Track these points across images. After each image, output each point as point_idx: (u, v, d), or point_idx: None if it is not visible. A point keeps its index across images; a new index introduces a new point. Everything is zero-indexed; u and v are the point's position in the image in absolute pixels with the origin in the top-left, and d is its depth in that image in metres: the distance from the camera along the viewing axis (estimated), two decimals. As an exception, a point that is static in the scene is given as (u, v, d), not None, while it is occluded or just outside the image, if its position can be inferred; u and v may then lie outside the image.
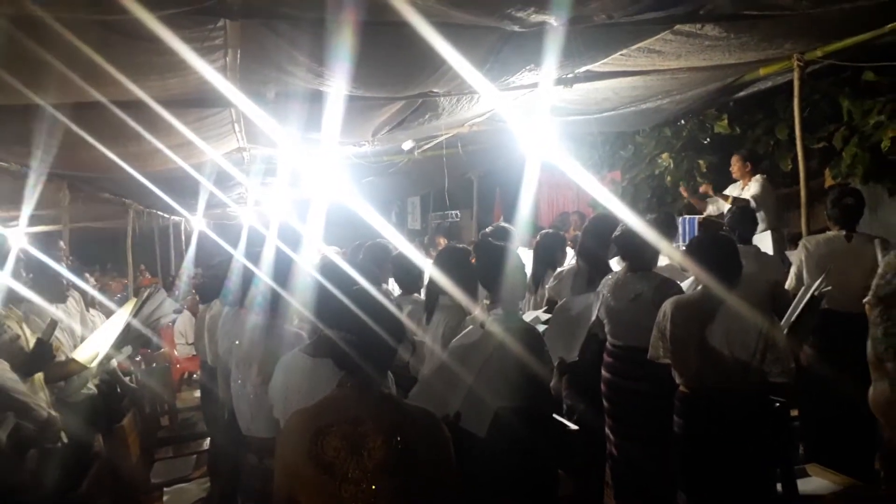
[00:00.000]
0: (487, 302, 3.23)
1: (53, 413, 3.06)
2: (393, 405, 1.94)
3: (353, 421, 1.84)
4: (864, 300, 3.88)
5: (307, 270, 3.05)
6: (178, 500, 4.37)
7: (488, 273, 3.07)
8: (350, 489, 1.79)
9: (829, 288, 3.71)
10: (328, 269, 2.77)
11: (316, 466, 1.82)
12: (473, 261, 3.40)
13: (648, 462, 3.61)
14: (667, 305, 3.29)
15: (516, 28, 3.00)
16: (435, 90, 4.46)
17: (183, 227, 14.24)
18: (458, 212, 13.06)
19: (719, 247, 3.21)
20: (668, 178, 7.34)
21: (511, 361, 2.79)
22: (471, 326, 3.04)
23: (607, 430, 3.84)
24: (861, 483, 3.54)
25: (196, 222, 11.87)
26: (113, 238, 11.84)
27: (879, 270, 3.39)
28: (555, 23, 2.93)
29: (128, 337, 4.28)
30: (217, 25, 3.01)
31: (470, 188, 10.69)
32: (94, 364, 3.91)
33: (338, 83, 3.81)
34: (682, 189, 6.60)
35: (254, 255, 3.54)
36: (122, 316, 4.23)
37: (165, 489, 4.50)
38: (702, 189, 6.26)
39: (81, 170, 6.28)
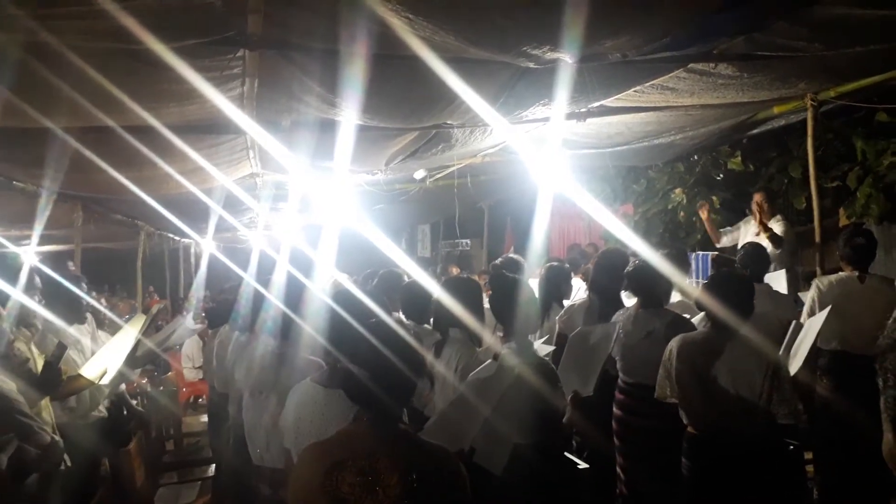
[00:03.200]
0: (500, 335, 3.22)
1: (57, 437, 3.04)
2: (410, 441, 1.93)
3: (368, 456, 1.83)
4: (878, 342, 3.84)
5: (320, 297, 3.05)
6: (181, 527, 4.34)
7: (503, 306, 3.06)
8: None
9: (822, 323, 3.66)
10: (344, 299, 2.76)
11: (330, 502, 1.80)
12: (488, 293, 3.39)
13: (659, 502, 3.55)
14: (672, 344, 3.26)
15: (531, 65, 3.03)
16: (449, 122, 4.49)
17: (193, 250, 14.31)
18: (468, 240, 13.07)
19: (735, 285, 3.19)
20: (681, 214, 7.34)
21: (526, 397, 2.77)
22: (487, 361, 3.02)
23: (618, 469, 3.79)
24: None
25: (206, 245, 11.93)
26: (122, 259, 11.92)
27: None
28: (569, 60, 2.96)
29: (140, 357, 4.26)
30: (236, 55, 3.05)
31: (481, 217, 10.72)
32: (106, 382, 3.88)
33: (353, 114, 3.85)
34: (702, 211, 6.24)
35: (265, 280, 3.55)
36: (131, 333, 4.19)
37: (169, 516, 4.46)
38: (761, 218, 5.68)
39: (96, 192, 6.34)
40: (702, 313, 3.67)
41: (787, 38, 3.19)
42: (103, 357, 3.94)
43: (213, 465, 5.17)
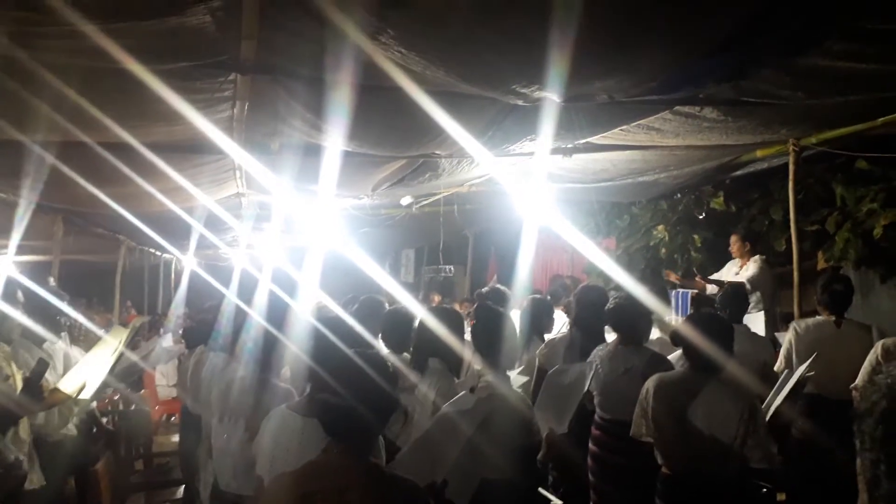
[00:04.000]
0: (478, 367, 3.21)
1: (21, 457, 2.95)
2: (379, 475, 1.91)
3: (338, 490, 1.81)
4: (851, 386, 3.89)
5: (302, 323, 3.03)
6: (147, 551, 4.23)
7: (487, 338, 3.06)
8: None
9: (812, 373, 3.71)
10: (326, 328, 2.75)
11: None
12: (471, 323, 3.38)
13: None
14: (649, 383, 3.27)
15: (520, 102, 3.07)
16: (437, 152, 4.53)
17: (174, 266, 14.19)
18: (451, 267, 13.05)
19: (714, 326, 3.20)
20: (663, 251, 7.39)
21: (501, 432, 2.77)
22: (463, 392, 3.01)
23: (591, 506, 3.77)
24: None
25: (187, 262, 11.84)
26: (101, 272, 11.77)
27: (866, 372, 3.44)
28: (557, 99, 3.00)
29: (118, 372, 4.19)
30: (228, 79, 3.06)
31: (465, 245, 10.75)
32: (87, 395, 3.79)
33: (342, 141, 3.86)
34: (669, 274, 6.54)
35: (246, 302, 3.52)
36: (111, 346, 4.10)
37: (135, 538, 4.36)
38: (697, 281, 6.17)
39: (78, 205, 6.30)
40: (679, 351, 3.70)
41: (771, 85, 3.26)
42: (81, 370, 3.85)
43: (182, 486, 5.08)
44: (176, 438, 5.98)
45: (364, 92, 3.12)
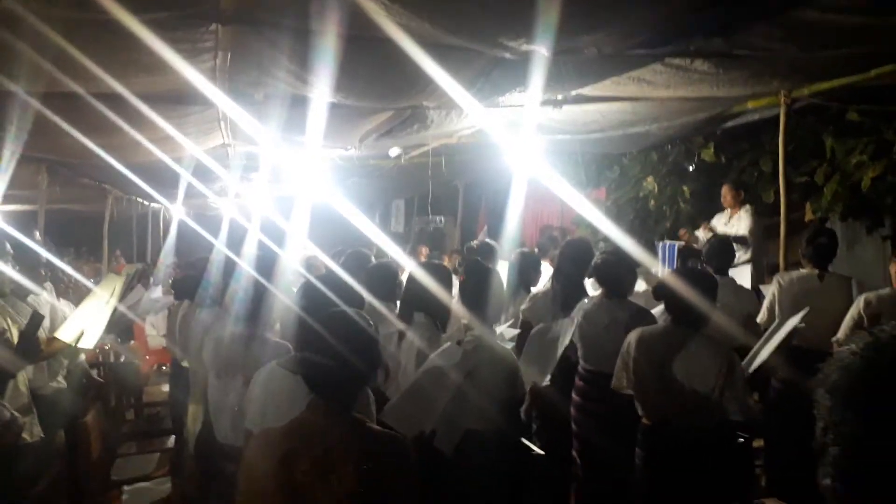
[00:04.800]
0: (465, 321, 3.24)
1: (16, 413, 2.98)
2: (364, 432, 1.93)
3: (322, 447, 1.83)
4: (833, 338, 3.96)
5: (291, 277, 3.03)
6: (138, 499, 4.31)
7: (475, 294, 3.08)
8: None
9: (804, 325, 3.76)
10: (311, 285, 2.75)
11: (283, 489, 1.81)
12: (461, 279, 3.40)
13: (613, 488, 3.63)
14: (631, 336, 3.31)
15: (506, 55, 3.02)
16: (425, 103, 4.46)
17: (162, 215, 14.08)
18: (442, 217, 13.04)
19: (697, 281, 3.23)
20: (652, 202, 7.39)
21: (488, 383, 2.81)
22: (448, 344, 3.04)
23: (574, 453, 3.86)
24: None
25: (176, 211, 11.75)
26: (89, 221, 11.69)
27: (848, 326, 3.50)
28: (545, 53, 2.95)
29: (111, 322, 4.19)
30: (209, 29, 2.99)
31: (455, 195, 10.69)
32: (90, 345, 3.79)
33: (326, 91, 3.80)
34: (682, 233, 6.55)
35: (235, 253, 3.50)
36: (104, 296, 4.08)
37: (126, 487, 4.42)
38: (702, 231, 6.25)
39: (63, 155, 6.21)
40: (662, 306, 3.74)
41: (762, 38, 3.22)
42: (79, 319, 3.84)
43: (173, 436, 5.15)
44: (167, 388, 6.05)
45: (349, 42, 3.06)
